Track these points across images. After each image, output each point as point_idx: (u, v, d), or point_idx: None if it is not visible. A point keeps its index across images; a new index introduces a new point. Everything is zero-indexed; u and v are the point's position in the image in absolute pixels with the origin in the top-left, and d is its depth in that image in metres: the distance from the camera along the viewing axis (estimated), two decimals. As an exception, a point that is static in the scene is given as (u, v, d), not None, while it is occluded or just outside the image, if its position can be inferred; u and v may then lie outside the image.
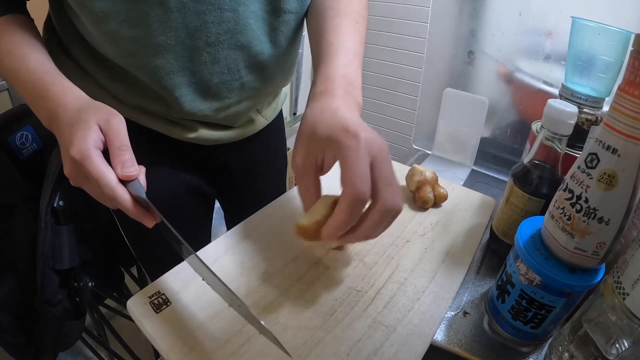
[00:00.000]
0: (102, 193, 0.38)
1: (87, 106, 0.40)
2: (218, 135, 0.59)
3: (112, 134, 0.38)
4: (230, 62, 0.50)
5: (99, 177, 0.36)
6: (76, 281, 0.72)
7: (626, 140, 0.29)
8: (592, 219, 0.32)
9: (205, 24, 0.45)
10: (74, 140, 0.37)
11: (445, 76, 0.85)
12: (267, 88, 0.58)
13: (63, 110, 0.40)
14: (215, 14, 0.45)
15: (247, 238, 0.47)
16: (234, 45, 0.49)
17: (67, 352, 1.18)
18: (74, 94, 0.42)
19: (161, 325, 0.36)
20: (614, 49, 0.49)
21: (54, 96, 0.41)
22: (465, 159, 0.81)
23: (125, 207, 0.38)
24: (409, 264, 0.46)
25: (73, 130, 0.38)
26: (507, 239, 0.50)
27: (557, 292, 0.35)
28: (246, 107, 0.58)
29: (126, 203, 0.38)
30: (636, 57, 0.28)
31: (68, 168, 0.39)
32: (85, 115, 0.39)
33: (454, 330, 0.43)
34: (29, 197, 0.66)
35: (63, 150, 0.39)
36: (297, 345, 0.36)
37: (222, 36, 0.47)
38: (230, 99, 0.54)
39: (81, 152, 0.36)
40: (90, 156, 0.37)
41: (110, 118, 0.39)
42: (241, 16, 0.47)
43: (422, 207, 0.55)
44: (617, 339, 0.31)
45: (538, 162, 0.45)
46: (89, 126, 0.38)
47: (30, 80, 0.43)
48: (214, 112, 0.54)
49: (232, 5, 0.45)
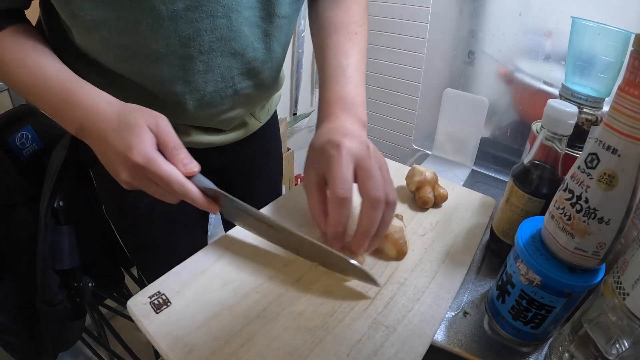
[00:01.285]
0: (167, 191, 0.40)
1: (129, 110, 0.41)
2: (211, 139, 0.59)
3: (164, 135, 0.40)
4: (224, 69, 0.49)
5: (169, 176, 0.38)
6: (76, 281, 0.72)
7: (626, 141, 0.29)
8: (592, 219, 0.32)
9: (198, 32, 0.45)
10: (132, 144, 0.38)
11: (445, 76, 0.85)
12: (261, 94, 0.58)
13: (97, 116, 0.40)
14: (208, 21, 0.44)
15: (246, 239, 0.47)
16: (228, 53, 0.48)
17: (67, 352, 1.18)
18: (105, 100, 0.42)
19: (161, 325, 0.36)
20: (614, 49, 0.49)
21: (84, 104, 0.41)
22: (466, 159, 0.81)
23: (196, 199, 0.41)
24: (409, 264, 0.46)
25: (124, 135, 0.38)
26: (507, 239, 0.50)
27: (557, 293, 0.35)
28: (239, 113, 0.58)
29: (197, 196, 0.41)
30: (636, 57, 0.28)
31: (127, 173, 0.39)
32: (133, 119, 0.39)
33: (454, 331, 0.43)
34: (29, 197, 0.66)
35: (116, 158, 0.39)
36: (297, 345, 0.36)
37: (216, 44, 0.46)
38: (223, 105, 0.53)
39: (145, 155, 0.38)
40: (156, 158, 0.38)
41: (159, 120, 0.40)
42: (234, 23, 0.46)
43: (422, 208, 0.55)
44: (617, 339, 0.31)
45: (538, 162, 0.45)
46: (143, 129, 0.39)
47: (52, 89, 0.42)
48: (207, 118, 0.54)
49: (225, 12, 0.45)
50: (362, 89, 0.50)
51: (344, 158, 0.40)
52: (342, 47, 0.51)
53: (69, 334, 0.75)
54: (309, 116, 1.92)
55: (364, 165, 0.40)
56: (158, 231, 0.65)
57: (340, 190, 0.39)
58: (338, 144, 0.41)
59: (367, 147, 0.41)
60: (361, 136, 0.43)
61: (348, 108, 0.47)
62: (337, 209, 0.40)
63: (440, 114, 0.81)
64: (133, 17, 0.42)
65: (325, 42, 0.53)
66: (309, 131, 2.05)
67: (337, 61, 0.50)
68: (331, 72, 0.50)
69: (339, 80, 0.49)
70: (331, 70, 0.50)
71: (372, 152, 0.41)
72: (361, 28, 0.54)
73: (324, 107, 0.48)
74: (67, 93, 0.42)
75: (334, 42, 0.52)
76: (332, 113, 0.47)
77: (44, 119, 0.72)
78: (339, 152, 0.40)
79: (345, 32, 0.52)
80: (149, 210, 0.63)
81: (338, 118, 0.46)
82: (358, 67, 0.51)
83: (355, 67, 0.50)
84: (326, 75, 0.50)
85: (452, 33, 0.81)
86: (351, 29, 0.53)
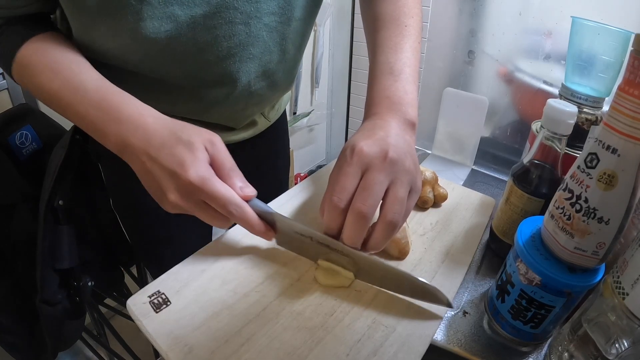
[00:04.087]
0: (220, 214, 0.38)
1: (181, 126, 0.38)
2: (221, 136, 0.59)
3: (221, 156, 0.38)
4: (242, 74, 0.49)
5: (225, 197, 0.36)
6: (76, 281, 0.72)
7: (626, 140, 0.29)
8: (591, 219, 0.32)
9: (216, 38, 0.44)
10: (186, 162, 0.36)
11: (445, 76, 0.85)
12: (274, 94, 0.58)
13: (145, 132, 0.37)
14: (226, 27, 0.43)
15: (248, 237, 0.47)
16: (246, 58, 0.47)
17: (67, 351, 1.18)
18: (151, 114, 0.39)
19: (161, 325, 0.36)
20: (613, 48, 0.49)
21: (129, 118, 0.38)
22: (465, 158, 0.81)
23: (253, 223, 0.39)
24: (408, 263, 0.46)
25: (176, 152, 0.36)
26: (507, 238, 0.50)
27: (556, 292, 0.35)
28: (252, 112, 0.58)
29: (254, 219, 0.39)
30: (636, 57, 0.28)
31: (177, 194, 0.37)
32: (186, 137, 0.37)
33: (453, 330, 0.43)
34: (28, 196, 0.66)
35: (163, 177, 0.37)
36: (297, 345, 0.36)
37: (234, 50, 0.46)
38: (237, 105, 0.54)
39: (201, 175, 0.36)
40: (213, 178, 0.36)
41: (214, 139, 0.38)
42: (253, 29, 0.45)
43: (421, 207, 0.55)
44: (616, 338, 0.31)
45: (538, 162, 0.45)
46: (198, 148, 0.37)
47: (91, 101, 0.39)
48: (218, 116, 0.54)
49: (244, 18, 0.44)
50: (412, 87, 0.46)
51: (352, 166, 0.38)
52: (390, 42, 0.48)
53: (69, 333, 0.75)
54: (308, 115, 1.92)
55: (367, 175, 0.38)
56: (164, 226, 0.65)
57: (334, 198, 0.37)
58: (354, 148, 0.38)
59: (384, 156, 0.37)
60: (389, 143, 0.39)
61: (395, 108, 0.43)
62: (330, 213, 0.38)
63: (440, 114, 0.81)
64: (152, 24, 0.40)
65: (373, 37, 0.50)
66: (308, 130, 2.05)
67: (384, 57, 0.47)
68: (378, 70, 0.47)
69: (386, 78, 0.45)
70: (378, 68, 0.47)
71: (388, 162, 0.37)
72: (412, 20, 0.50)
73: (369, 107, 0.45)
74: (109, 105, 0.39)
75: (381, 37, 0.49)
76: (377, 113, 0.43)
77: (44, 118, 0.72)
78: (350, 157, 0.38)
79: (394, 25, 0.49)
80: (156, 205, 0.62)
81: (382, 118, 0.42)
82: (408, 62, 0.47)
83: (404, 63, 0.46)
84: (373, 72, 0.47)
85: (452, 32, 0.81)
86: (400, 21, 0.49)
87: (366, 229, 0.37)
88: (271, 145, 0.73)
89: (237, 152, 0.65)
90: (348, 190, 0.37)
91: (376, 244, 0.39)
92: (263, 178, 0.73)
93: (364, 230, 0.37)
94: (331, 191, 0.38)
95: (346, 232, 0.38)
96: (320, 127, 2.14)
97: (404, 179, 0.38)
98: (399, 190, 0.38)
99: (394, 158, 0.38)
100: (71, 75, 0.40)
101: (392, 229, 0.37)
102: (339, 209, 0.37)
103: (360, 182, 0.37)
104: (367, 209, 0.36)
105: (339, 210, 0.37)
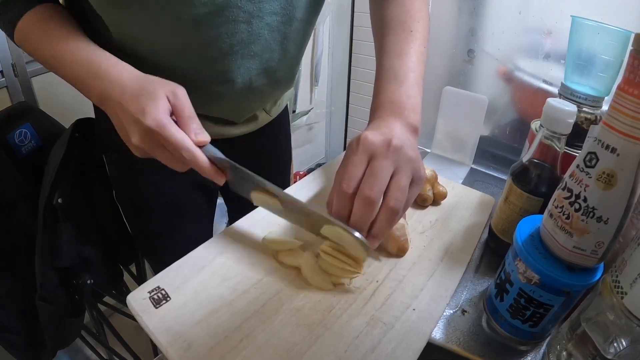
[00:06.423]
0: (176, 158, 0.41)
1: (149, 79, 0.42)
2: (221, 130, 0.60)
3: (180, 104, 0.41)
4: (243, 70, 0.51)
5: (179, 142, 0.39)
6: (75, 279, 0.72)
7: (625, 140, 0.29)
8: (590, 218, 0.32)
9: (219, 35, 0.46)
10: (146, 109, 0.39)
11: (444, 74, 0.85)
12: (275, 90, 0.59)
13: (120, 85, 0.41)
14: (230, 26, 0.46)
15: (248, 232, 0.47)
16: (247, 55, 0.49)
17: (66, 350, 1.18)
18: (127, 70, 0.43)
19: (160, 321, 0.37)
20: (613, 48, 0.49)
21: (108, 74, 0.42)
22: (465, 157, 0.81)
23: (203, 166, 0.41)
24: (407, 261, 0.46)
25: (142, 101, 0.40)
26: (506, 237, 0.50)
27: (555, 291, 0.35)
28: (253, 108, 0.59)
29: (204, 163, 0.41)
30: (636, 56, 0.28)
31: (138, 137, 0.40)
32: (151, 87, 0.41)
33: (452, 329, 0.43)
34: (27, 194, 0.66)
35: (129, 122, 0.40)
36: (296, 341, 0.36)
37: (235, 47, 0.48)
38: (239, 101, 0.55)
39: (157, 120, 0.39)
40: (168, 124, 0.39)
41: (176, 90, 0.41)
42: (254, 27, 0.47)
43: (421, 205, 0.55)
44: (615, 338, 0.31)
45: (537, 161, 0.45)
46: (159, 96, 0.40)
47: (77, 61, 0.44)
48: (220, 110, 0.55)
49: (246, 17, 0.46)
50: (416, 92, 0.47)
51: (358, 155, 0.40)
52: (396, 47, 0.49)
53: (68, 331, 0.75)
54: (307, 114, 1.91)
55: (372, 162, 0.39)
56: (165, 219, 0.66)
57: (343, 185, 0.39)
58: (359, 137, 0.41)
59: (387, 144, 0.39)
60: (392, 134, 0.40)
61: (399, 112, 0.44)
62: (340, 199, 0.40)
63: (439, 112, 0.81)
64: (157, 19, 0.43)
65: (380, 41, 0.51)
66: (307, 129, 2.04)
67: (389, 62, 0.48)
68: (383, 75, 0.48)
69: (391, 84, 0.47)
70: (383, 73, 0.48)
71: (392, 150, 0.39)
72: (418, 24, 0.51)
73: (374, 111, 0.47)
74: (91, 64, 0.43)
75: (387, 42, 0.50)
76: (381, 116, 0.45)
77: (43, 116, 0.72)
78: (356, 147, 0.40)
79: (400, 30, 0.50)
80: (157, 198, 0.64)
81: (385, 121, 0.44)
82: (412, 67, 0.48)
83: (409, 68, 0.47)
84: (379, 78, 0.49)
85: (451, 31, 0.81)
86: (407, 25, 0.50)
87: (374, 213, 0.39)
88: (272, 140, 0.73)
89: (237, 146, 0.66)
90: (355, 177, 0.39)
91: (379, 230, 0.40)
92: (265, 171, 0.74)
93: (372, 215, 0.39)
94: (339, 180, 0.40)
95: (355, 217, 0.39)
96: (319, 126, 2.14)
97: (407, 167, 0.40)
98: (402, 178, 0.39)
99: (398, 145, 0.39)
100: (65, 40, 0.45)
101: (394, 215, 0.39)
102: (348, 195, 0.39)
103: (367, 169, 0.39)
104: (375, 195, 0.38)
105: (348, 197, 0.39)
